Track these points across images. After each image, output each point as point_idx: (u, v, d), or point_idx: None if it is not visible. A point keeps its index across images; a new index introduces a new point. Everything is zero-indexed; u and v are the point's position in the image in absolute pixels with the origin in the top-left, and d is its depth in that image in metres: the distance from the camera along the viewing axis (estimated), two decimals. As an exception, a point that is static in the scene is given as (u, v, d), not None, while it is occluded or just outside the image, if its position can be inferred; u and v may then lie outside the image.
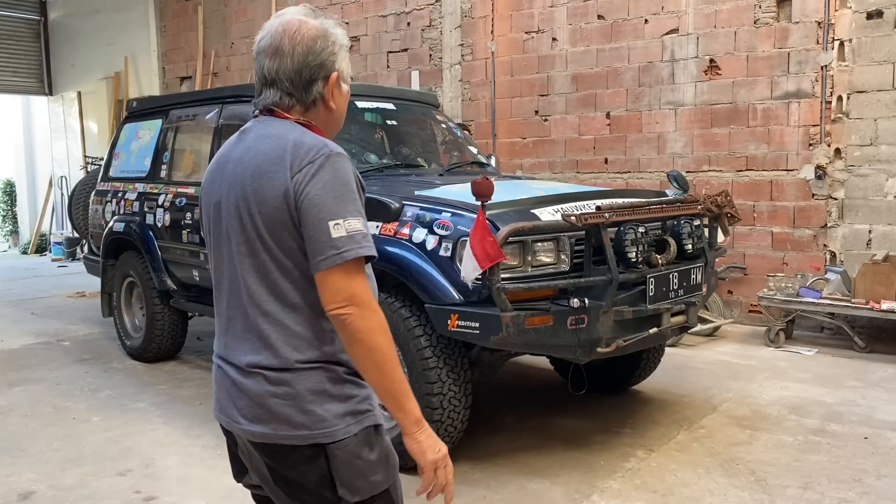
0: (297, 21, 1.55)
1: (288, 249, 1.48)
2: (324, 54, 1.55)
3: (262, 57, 1.56)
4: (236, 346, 1.55)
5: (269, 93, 1.57)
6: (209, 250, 1.64)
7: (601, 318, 3.27)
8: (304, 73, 1.54)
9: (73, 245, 11.91)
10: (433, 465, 1.53)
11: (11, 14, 13.23)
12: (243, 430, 1.55)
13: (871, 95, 5.79)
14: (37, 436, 4.08)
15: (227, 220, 1.54)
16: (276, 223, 1.47)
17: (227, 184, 1.55)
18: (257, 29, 1.50)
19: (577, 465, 3.58)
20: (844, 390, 4.66)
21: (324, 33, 1.56)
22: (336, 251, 1.43)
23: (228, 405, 1.57)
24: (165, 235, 5.19)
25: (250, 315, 1.52)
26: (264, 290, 1.50)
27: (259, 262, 1.50)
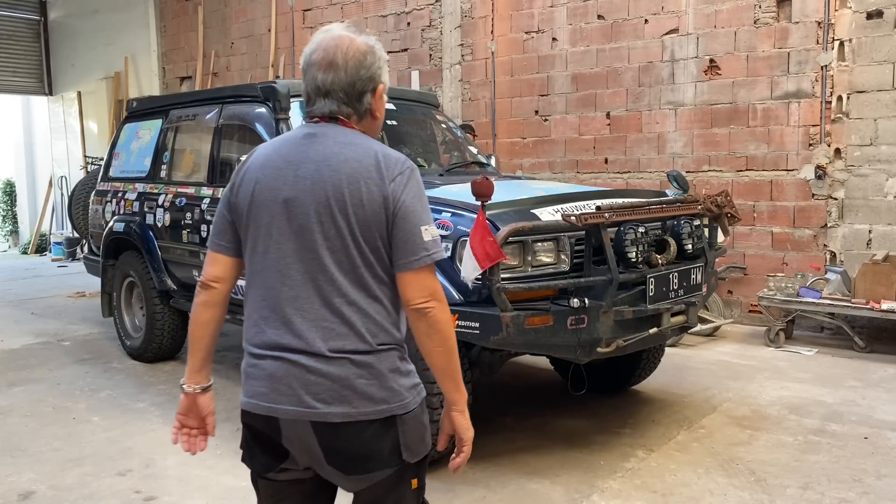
0: (347, 37, 1.69)
1: (374, 248, 1.65)
2: (372, 68, 1.71)
3: (315, 69, 1.70)
4: (310, 334, 1.64)
5: (324, 102, 1.71)
6: (255, 240, 1.70)
7: (601, 318, 3.27)
8: (357, 85, 1.69)
9: (73, 245, 11.91)
10: (470, 440, 1.77)
11: (11, 14, 13.24)
12: (318, 414, 1.63)
13: (871, 95, 5.79)
14: (37, 436, 4.08)
15: (303, 217, 1.64)
16: (370, 224, 1.63)
17: (308, 182, 1.65)
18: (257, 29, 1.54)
19: (577, 465, 3.58)
20: (844, 390, 4.66)
21: (371, 49, 1.71)
22: (427, 253, 1.65)
23: (294, 392, 1.64)
24: (165, 235, 5.19)
25: (335, 304, 1.64)
26: (349, 282, 1.64)
27: (348, 256, 1.64)
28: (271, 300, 1.68)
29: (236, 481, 3.44)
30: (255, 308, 1.72)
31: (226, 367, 5.40)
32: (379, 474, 1.68)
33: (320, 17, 9.27)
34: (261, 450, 1.75)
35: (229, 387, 4.92)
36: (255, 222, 1.70)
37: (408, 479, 1.73)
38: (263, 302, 1.70)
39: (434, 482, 3.40)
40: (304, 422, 1.64)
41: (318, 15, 9.30)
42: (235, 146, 4.80)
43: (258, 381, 1.70)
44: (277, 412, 1.66)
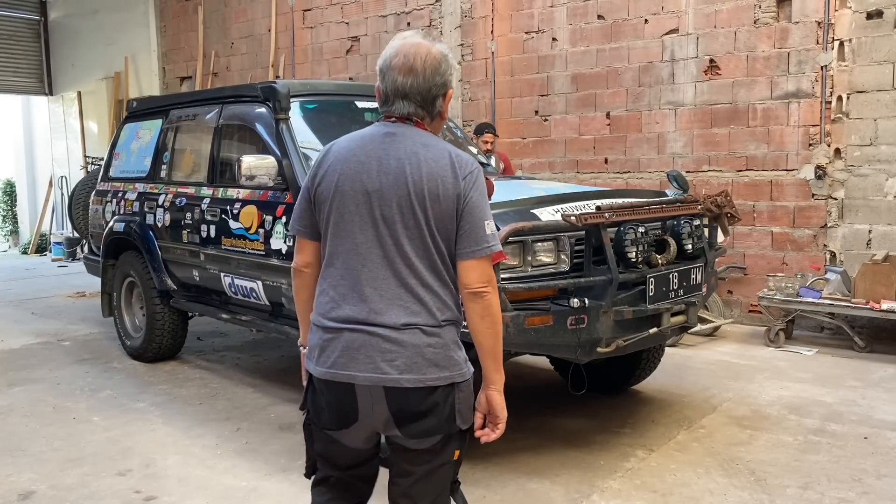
0: (425, 45, 1.89)
1: (446, 238, 1.86)
2: (446, 75, 1.91)
3: (395, 73, 1.88)
4: (387, 309, 1.85)
5: (403, 104, 1.90)
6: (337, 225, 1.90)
7: (601, 318, 3.27)
8: (433, 90, 1.89)
9: (73, 245, 11.91)
10: (504, 419, 1.97)
11: (11, 14, 13.24)
12: (392, 379, 1.83)
13: (870, 95, 5.79)
14: (37, 436, 4.08)
15: (386, 208, 1.85)
16: (445, 216, 1.84)
17: (391, 177, 1.85)
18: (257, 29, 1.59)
19: (577, 464, 3.58)
20: (844, 390, 4.66)
21: (445, 57, 1.91)
22: (488, 245, 1.87)
23: (371, 361, 1.84)
24: (165, 235, 5.19)
25: (410, 284, 1.85)
26: (424, 266, 1.86)
27: (423, 244, 1.85)
28: (350, 279, 1.88)
29: (236, 481, 3.45)
30: (333, 286, 1.91)
31: (225, 367, 5.41)
32: (433, 439, 1.88)
33: (320, 17, 9.28)
34: (337, 412, 1.91)
35: (229, 387, 4.92)
36: (338, 209, 1.89)
37: (452, 449, 1.94)
38: (343, 281, 1.89)
39: (434, 482, 3.41)
40: (379, 387, 1.83)
41: (318, 15, 9.30)
42: (235, 146, 4.80)
43: (336, 352, 1.88)
44: (356, 379, 1.85)
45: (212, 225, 4.72)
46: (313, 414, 1.98)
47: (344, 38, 9.05)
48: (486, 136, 6.56)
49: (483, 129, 6.65)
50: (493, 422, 1.98)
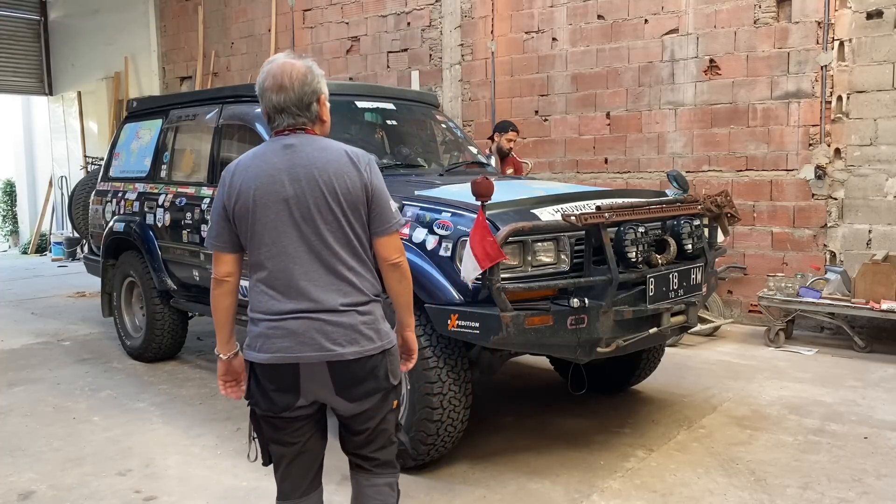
0: (289, 63, 2.16)
1: (360, 223, 2.14)
2: (314, 84, 2.17)
3: (269, 93, 2.13)
4: (324, 296, 2.11)
5: (282, 118, 2.15)
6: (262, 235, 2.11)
7: (601, 318, 3.27)
8: (304, 98, 2.14)
9: (73, 245, 11.92)
10: (416, 352, 2.42)
11: (11, 14, 13.24)
12: (335, 354, 2.10)
13: (870, 95, 5.79)
14: (37, 436, 4.08)
15: (303, 209, 2.09)
16: (357, 204, 2.12)
17: (303, 182, 2.09)
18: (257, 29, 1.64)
19: (577, 464, 3.58)
20: (844, 390, 4.66)
21: (310, 69, 2.19)
22: (396, 220, 2.21)
23: (316, 341, 2.10)
24: (165, 235, 5.19)
25: (339, 271, 2.12)
26: (347, 253, 2.13)
27: (343, 233, 2.12)
28: (285, 277, 2.11)
29: (236, 481, 3.45)
30: (269, 286, 2.13)
31: (226, 367, 5.40)
32: (375, 397, 2.18)
33: (320, 17, 9.28)
34: (279, 394, 2.14)
35: (229, 387, 4.92)
36: (261, 220, 2.10)
37: (391, 400, 2.25)
38: (277, 280, 2.11)
39: (434, 482, 3.42)
40: (322, 363, 2.10)
41: (318, 15, 9.30)
42: (235, 146, 4.79)
43: (280, 339, 2.10)
44: (301, 359, 2.10)
45: (212, 225, 4.72)
46: (258, 401, 2.18)
47: (344, 38, 9.05)
48: (510, 133, 6.33)
49: (507, 127, 6.39)
50: (408, 355, 2.39)
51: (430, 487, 3.36)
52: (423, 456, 3.43)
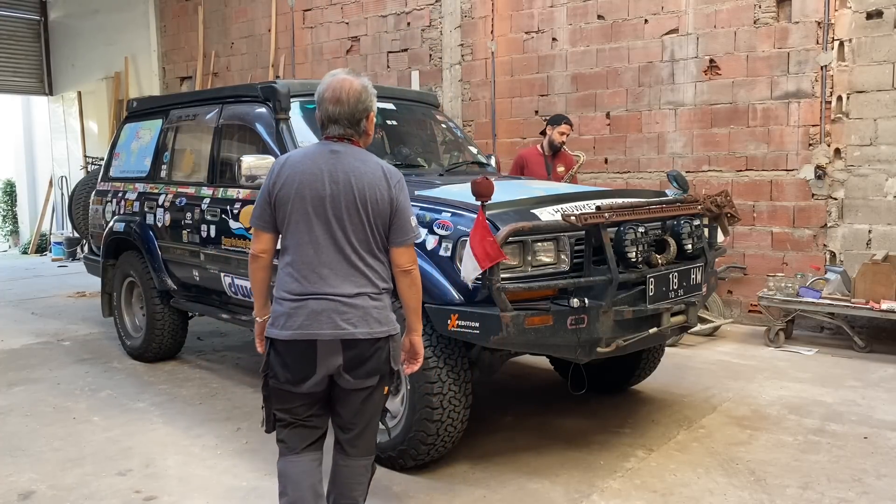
0: (349, 80, 2.46)
1: (382, 231, 2.47)
2: (366, 102, 2.48)
3: (326, 104, 2.46)
4: (341, 284, 2.43)
5: (334, 128, 2.48)
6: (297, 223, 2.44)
7: (601, 318, 3.27)
8: (356, 115, 2.46)
9: (73, 245, 11.91)
10: (422, 356, 2.66)
11: (11, 14, 13.23)
12: (348, 333, 2.41)
13: (870, 95, 5.79)
14: (37, 436, 4.08)
15: (336, 208, 2.42)
16: (382, 214, 2.45)
17: (341, 185, 2.42)
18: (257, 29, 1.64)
19: (576, 464, 3.58)
20: (844, 390, 4.66)
21: (365, 88, 2.48)
22: (414, 234, 2.54)
23: (332, 320, 2.41)
24: (165, 235, 5.19)
25: (357, 265, 2.44)
26: (366, 251, 2.46)
27: (365, 235, 2.45)
28: (309, 264, 2.43)
29: (236, 481, 3.45)
30: (295, 269, 2.44)
31: (226, 367, 5.41)
32: (375, 377, 2.47)
33: (320, 17, 9.28)
34: (298, 367, 2.43)
35: (229, 387, 4.92)
36: (298, 210, 2.43)
37: (383, 385, 2.53)
38: (303, 265, 2.43)
39: (434, 482, 3.42)
40: (336, 341, 2.40)
41: (318, 15, 9.30)
42: (235, 146, 4.79)
43: (301, 317, 2.41)
44: (319, 335, 2.40)
45: (212, 225, 4.73)
46: (276, 373, 2.45)
47: (344, 38, 9.05)
48: (562, 126, 6.05)
49: (560, 120, 6.10)
50: (414, 358, 2.64)
51: (430, 487, 3.36)
52: (423, 456, 3.43)
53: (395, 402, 3.57)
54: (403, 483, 3.40)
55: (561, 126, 6.07)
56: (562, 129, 6.07)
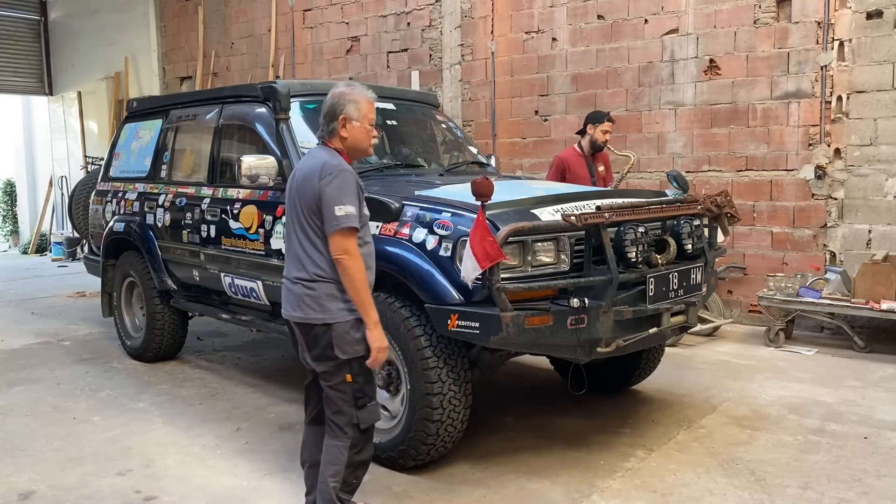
0: (334, 90, 2.84)
1: (315, 222, 2.70)
2: (337, 106, 2.78)
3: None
4: (288, 268, 2.80)
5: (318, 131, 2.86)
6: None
7: (601, 318, 3.27)
8: (326, 117, 2.81)
9: (73, 245, 11.91)
10: (377, 349, 2.71)
11: (11, 14, 13.23)
12: (290, 316, 2.77)
13: (870, 95, 5.79)
14: (37, 436, 4.08)
15: (292, 202, 2.79)
16: (308, 206, 2.70)
17: (295, 181, 2.79)
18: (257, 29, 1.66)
19: (576, 464, 3.58)
20: (844, 390, 4.66)
21: (341, 94, 2.79)
22: (334, 224, 2.65)
23: (286, 302, 2.79)
24: (165, 235, 5.19)
25: (298, 253, 2.75)
26: (306, 241, 2.73)
27: (303, 227, 2.73)
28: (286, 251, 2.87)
29: (236, 481, 3.45)
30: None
31: (225, 367, 5.41)
32: (327, 364, 2.73)
33: (320, 17, 9.28)
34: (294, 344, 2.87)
35: (229, 387, 4.92)
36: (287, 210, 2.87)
37: (343, 373, 2.72)
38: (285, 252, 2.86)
39: (434, 482, 3.42)
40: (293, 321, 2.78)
41: (319, 15, 9.30)
42: (235, 146, 4.80)
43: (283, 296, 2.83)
44: (285, 315, 2.82)
45: (212, 225, 4.73)
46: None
47: (344, 38, 9.05)
48: (605, 124, 5.72)
49: (602, 117, 5.73)
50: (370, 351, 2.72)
51: (430, 487, 3.36)
52: (423, 456, 3.43)
53: (395, 401, 3.58)
54: (403, 483, 3.40)
55: (604, 124, 5.71)
56: (604, 128, 5.71)
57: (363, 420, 2.75)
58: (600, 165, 5.78)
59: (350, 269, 2.64)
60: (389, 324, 3.43)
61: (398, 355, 3.43)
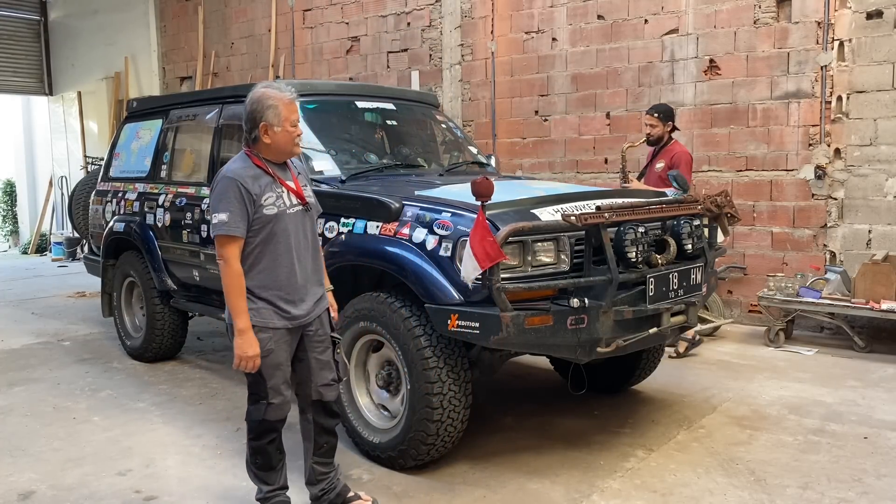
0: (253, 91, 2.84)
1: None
2: (256, 113, 2.78)
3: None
4: None
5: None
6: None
7: (601, 318, 3.27)
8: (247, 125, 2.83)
9: (73, 245, 11.91)
10: (238, 358, 2.77)
11: (11, 14, 13.23)
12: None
13: (870, 95, 5.79)
14: (37, 436, 4.08)
15: None
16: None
17: None
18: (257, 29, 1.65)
19: (576, 464, 3.58)
20: (844, 390, 4.66)
21: (258, 99, 2.79)
22: (213, 230, 2.77)
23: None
24: (165, 235, 5.19)
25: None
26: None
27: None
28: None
29: (236, 481, 3.45)
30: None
31: (225, 367, 5.41)
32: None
33: (320, 17, 9.28)
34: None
35: (229, 387, 4.92)
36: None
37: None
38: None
39: (434, 482, 3.42)
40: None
41: (318, 15, 9.30)
42: (235, 146, 4.79)
43: None
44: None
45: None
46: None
47: (344, 38, 9.05)
48: (645, 115, 5.42)
49: (653, 111, 5.46)
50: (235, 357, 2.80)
51: (430, 487, 3.36)
52: (423, 456, 3.43)
53: (395, 401, 3.58)
54: (403, 483, 3.40)
55: (644, 115, 5.41)
56: (644, 120, 5.41)
57: (249, 412, 2.91)
58: (659, 161, 5.45)
59: (223, 275, 2.74)
60: (389, 324, 3.43)
61: (398, 355, 3.43)
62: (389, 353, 3.57)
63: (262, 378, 2.84)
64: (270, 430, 2.92)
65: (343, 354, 3.29)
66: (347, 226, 3.72)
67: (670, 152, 5.44)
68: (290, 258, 2.84)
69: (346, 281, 3.80)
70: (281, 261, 2.81)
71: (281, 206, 2.81)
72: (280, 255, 2.81)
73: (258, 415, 2.88)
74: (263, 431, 2.91)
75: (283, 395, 2.89)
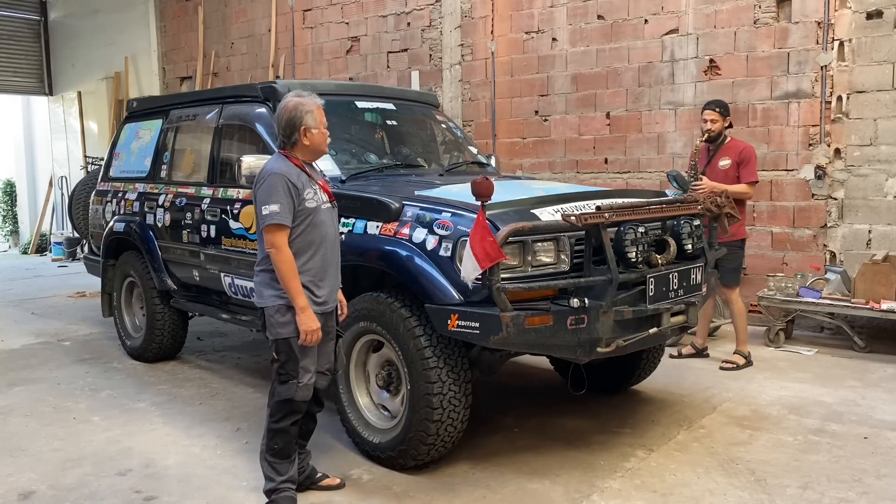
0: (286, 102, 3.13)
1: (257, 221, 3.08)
2: (295, 119, 3.08)
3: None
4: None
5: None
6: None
7: (601, 318, 3.26)
8: (286, 129, 3.11)
9: (73, 245, 11.91)
10: (306, 331, 3.02)
11: (11, 14, 13.24)
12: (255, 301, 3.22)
13: (870, 95, 5.79)
14: (37, 436, 4.08)
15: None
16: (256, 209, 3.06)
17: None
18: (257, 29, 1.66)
19: (577, 464, 3.58)
20: (844, 390, 4.66)
21: (295, 106, 3.09)
22: (263, 221, 3.00)
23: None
24: (165, 235, 5.19)
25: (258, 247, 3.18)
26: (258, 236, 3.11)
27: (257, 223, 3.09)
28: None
29: (236, 481, 3.45)
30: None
31: (225, 367, 5.41)
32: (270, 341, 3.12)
33: (320, 17, 9.28)
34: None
35: (229, 387, 4.92)
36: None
37: (272, 351, 3.10)
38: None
39: (434, 482, 3.42)
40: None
41: (318, 15, 9.30)
42: (235, 146, 4.80)
43: None
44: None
45: (212, 225, 4.73)
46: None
47: (344, 38, 9.05)
48: (704, 112, 5.22)
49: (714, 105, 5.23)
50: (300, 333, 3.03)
51: (430, 487, 3.36)
52: (423, 456, 3.43)
53: (395, 401, 3.58)
54: (403, 483, 3.40)
55: (703, 112, 5.22)
56: (703, 115, 5.21)
57: (279, 393, 3.08)
58: (723, 158, 5.13)
59: (276, 261, 2.97)
60: (389, 324, 3.43)
61: (398, 355, 3.43)
62: (389, 353, 3.57)
63: (296, 357, 3.06)
64: (296, 411, 3.10)
65: (340, 349, 3.53)
66: (347, 226, 3.72)
67: (736, 148, 5.14)
68: (324, 248, 3.11)
69: (346, 281, 3.80)
70: (317, 249, 3.08)
71: (318, 201, 3.09)
72: (316, 244, 3.07)
73: (289, 393, 3.06)
74: (290, 412, 3.08)
75: (312, 374, 3.11)
